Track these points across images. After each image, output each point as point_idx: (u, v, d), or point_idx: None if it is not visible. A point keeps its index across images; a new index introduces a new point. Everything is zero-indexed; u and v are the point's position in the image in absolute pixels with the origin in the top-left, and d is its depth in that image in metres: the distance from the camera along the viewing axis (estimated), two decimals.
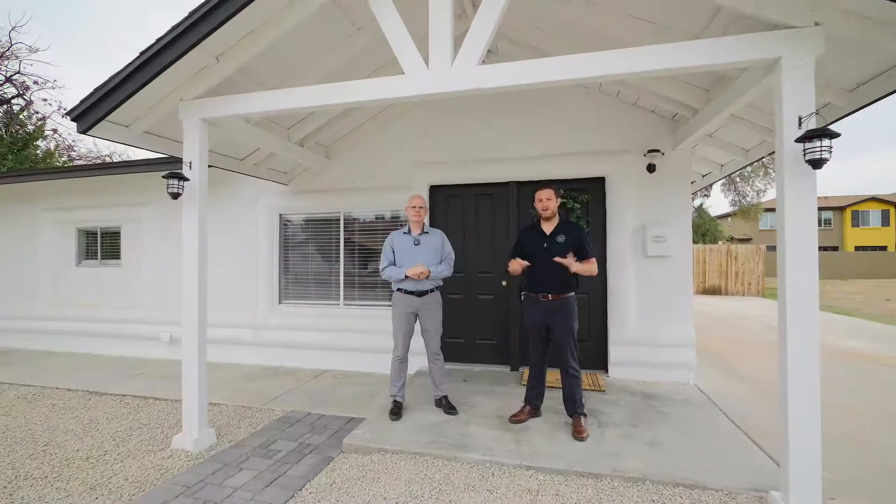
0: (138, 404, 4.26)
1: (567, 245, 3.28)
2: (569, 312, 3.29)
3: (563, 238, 3.29)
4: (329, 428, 3.60)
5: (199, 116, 3.26)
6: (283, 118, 4.38)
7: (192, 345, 3.27)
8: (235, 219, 5.71)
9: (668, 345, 4.42)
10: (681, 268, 4.44)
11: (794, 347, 2.30)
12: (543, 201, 3.31)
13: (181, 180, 3.15)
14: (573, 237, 3.30)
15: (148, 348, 6.07)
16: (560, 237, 3.30)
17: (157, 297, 6.09)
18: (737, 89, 2.98)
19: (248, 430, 3.59)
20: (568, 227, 3.38)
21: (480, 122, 5.00)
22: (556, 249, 3.25)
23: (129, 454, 3.18)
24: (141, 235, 6.25)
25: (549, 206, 3.31)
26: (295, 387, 4.72)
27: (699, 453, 2.94)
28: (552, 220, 3.38)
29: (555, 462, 2.83)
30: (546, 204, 3.31)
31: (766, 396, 4.18)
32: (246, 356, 5.63)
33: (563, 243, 3.28)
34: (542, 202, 3.32)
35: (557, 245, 3.27)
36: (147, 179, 6.11)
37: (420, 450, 3.04)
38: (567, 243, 3.28)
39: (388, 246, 3.72)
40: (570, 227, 3.39)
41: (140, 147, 3.59)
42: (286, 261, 5.71)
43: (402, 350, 3.68)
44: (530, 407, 3.53)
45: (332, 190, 5.43)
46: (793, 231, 2.29)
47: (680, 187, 4.46)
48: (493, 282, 5.02)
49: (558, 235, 3.32)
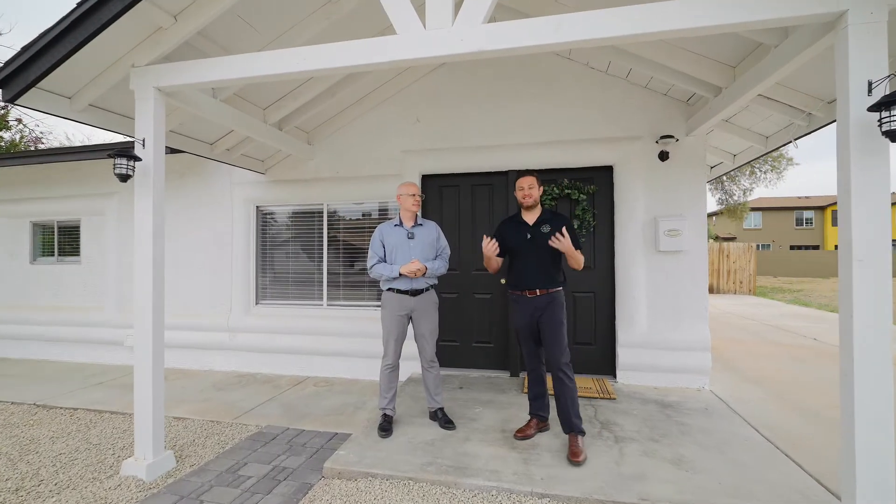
0: (91, 419, 3.74)
1: (552, 235, 2.87)
2: (558, 305, 2.96)
3: (549, 228, 2.96)
4: (309, 447, 3.15)
5: (154, 85, 2.77)
6: (258, 96, 3.89)
7: (145, 350, 2.78)
8: (207, 211, 5.19)
9: (681, 348, 4.07)
10: (695, 264, 4.09)
11: (862, 358, 1.93)
12: (525, 189, 3.01)
13: (131, 160, 2.66)
14: (558, 226, 2.90)
15: (109, 354, 5.50)
16: (545, 227, 2.98)
17: (120, 297, 5.53)
18: (775, 60, 2.62)
19: (214, 451, 3.11)
20: (552, 216, 3.06)
21: (477, 106, 4.58)
22: (542, 240, 2.93)
23: (68, 484, 2.68)
24: (103, 230, 5.68)
25: (532, 194, 3.00)
26: (272, 396, 4.24)
27: (733, 474, 2.57)
28: (534, 210, 3.07)
29: (571, 488, 2.44)
30: (528, 192, 3.00)
31: (785, 402, 3.86)
32: (219, 362, 5.12)
33: (548, 233, 2.92)
34: (522, 190, 3.02)
35: (543, 235, 2.94)
36: (108, 167, 5.55)
37: (414, 474, 2.61)
38: (552, 233, 2.88)
39: (378, 240, 3.28)
40: (555, 216, 3.07)
41: (85, 123, 3.08)
42: (264, 257, 5.21)
43: (394, 357, 3.24)
44: (537, 420, 3.14)
45: (315, 179, 4.96)
46: (862, 219, 1.92)
47: (694, 177, 4.11)
48: (490, 279, 4.61)
49: (542, 225, 2.99)
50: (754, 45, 2.89)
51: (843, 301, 2.00)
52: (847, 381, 1.98)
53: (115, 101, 3.12)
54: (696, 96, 3.95)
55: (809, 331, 7.73)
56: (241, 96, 3.76)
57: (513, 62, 4.49)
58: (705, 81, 3.45)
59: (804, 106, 3.26)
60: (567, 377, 2.87)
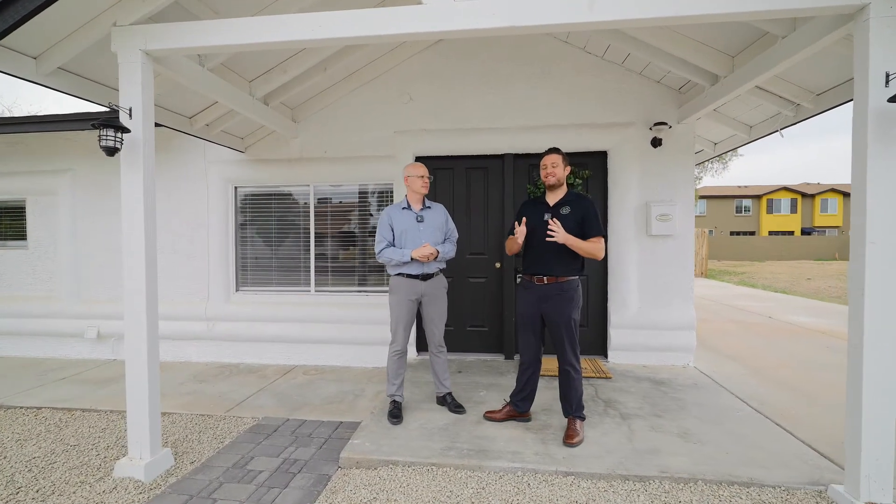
0: (60, 419, 3.41)
1: (572, 218, 2.76)
2: (567, 300, 2.77)
3: (569, 210, 2.80)
4: (316, 437, 3.04)
5: (142, 48, 2.47)
6: (244, 67, 3.60)
7: (138, 342, 2.54)
8: (180, 191, 4.80)
9: (669, 327, 4.26)
10: (684, 248, 4.27)
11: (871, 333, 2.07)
12: (548, 167, 2.84)
13: (119, 131, 2.37)
14: (580, 210, 2.78)
15: (68, 347, 5.03)
16: (565, 209, 2.81)
17: (77, 285, 5.04)
18: (781, 51, 2.72)
19: (213, 447, 2.93)
20: (576, 198, 2.86)
21: (472, 87, 4.49)
22: (560, 222, 2.72)
23: (52, 490, 2.43)
24: (55, 211, 5.11)
25: (556, 172, 2.82)
26: (262, 387, 4.05)
27: (736, 444, 2.74)
28: (558, 191, 2.89)
29: (594, 465, 2.50)
30: (551, 171, 2.83)
31: (763, 377, 4.15)
32: (196, 352, 4.81)
33: (567, 216, 2.77)
34: (545, 169, 2.85)
35: (561, 218, 2.76)
36: (61, 141, 4.99)
37: (437, 460, 2.58)
38: (571, 216, 2.77)
39: (386, 224, 3.15)
40: (579, 199, 2.86)
41: (53, 88, 2.71)
42: (244, 241, 4.91)
43: (403, 342, 3.17)
44: (510, 408, 3.06)
45: (301, 159, 4.69)
46: (876, 203, 2.05)
47: (684, 163, 4.26)
48: (485, 264, 4.60)
49: (563, 207, 2.82)
50: (758, 34, 2.99)
51: (854, 280, 2.13)
52: (856, 354, 2.13)
53: (90, 66, 2.77)
54: (688, 85, 4.07)
55: (762, 309, 8.36)
56: (227, 66, 3.45)
57: (509, 43, 4.42)
58: (703, 69, 3.55)
59: (794, 97, 3.44)
60: (574, 370, 2.80)
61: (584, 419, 2.87)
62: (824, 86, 3.27)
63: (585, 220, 2.77)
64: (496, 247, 4.59)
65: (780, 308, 8.54)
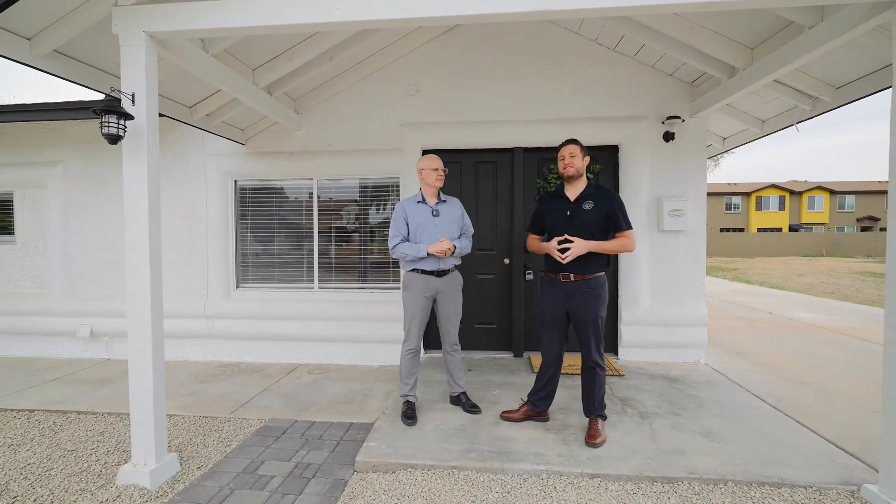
0: (55, 422, 3.25)
1: (595, 213, 2.66)
2: (594, 297, 2.67)
3: (591, 204, 2.67)
4: (327, 439, 2.92)
5: (146, 30, 2.32)
6: (249, 54, 3.44)
7: (143, 341, 2.40)
8: (177, 185, 4.62)
9: (681, 324, 4.22)
10: (696, 243, 4.22)
11: None
12: (566, 158, 2.70)
13: (122, 118, 2.22)
14: (604, 204, 2.66)
15: (60, 346, 4.84)
16: (587, 203, 2.69)
17: (69, 282, 4.84)
18: (808, 42, 2.65)
19: (220, 450, 2.80)
20: (598, 191, 2.74)
21: (481, 79, 4.38)
22: (583, 218, 2.66)
23: (52, 498, 2.29)
24: (45, 205, 4.91)
25: (574, 164, 2.69)
26: (266, 387, 3.92)
27: (761, 443, 2.69)
28: (577, 183, 2.76)
29: (620, 466, 2.43)
30: (570, 161, 2.69)
31: (775, 373, 4.12)
32: (195, 351, 4.66)
33: (590, 211, 2.66)
34: (563, 160, 2.72)
35: (583, 213, 2.67)
36: (50, 132, 4.79)
37: (457, 462, 2.49)
38: (595, 211, 2.66)
39: (401, 218, 3.04)
40: (601, 192, 2.74)
41: (47, 71, 2.55)
42: (244, 237, 4.76)
43: (417, 341, 3.06)
44: (528, 407, 2.98)
45: (304, 152, 4.55)
46: None
47: (696, 158, 4.20)
48: (493, 260, 4.51)
49: (585, 201, 2.70)
50: (781, 25, 2.91)
51: (891, 279, 2.07)
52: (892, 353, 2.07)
53: (88, 49, 2.61)
54: (702, 78, 4.00)
55: (761, 305, 8.40)
56: (231, 53, 3.30)
57: (519, 34, 4.32)
58: (721, 61, 3.47)
59: (813, 90, 3.38)
60: (600, 368, 2.72)
61: (605, 419, 2.80)
62: (845, 78, 3.22)
63: (610, 215, 2.67)
64: (505, 242, 4.50)
65: (779, 304, 8.59)
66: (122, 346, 4.71)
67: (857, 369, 4.22)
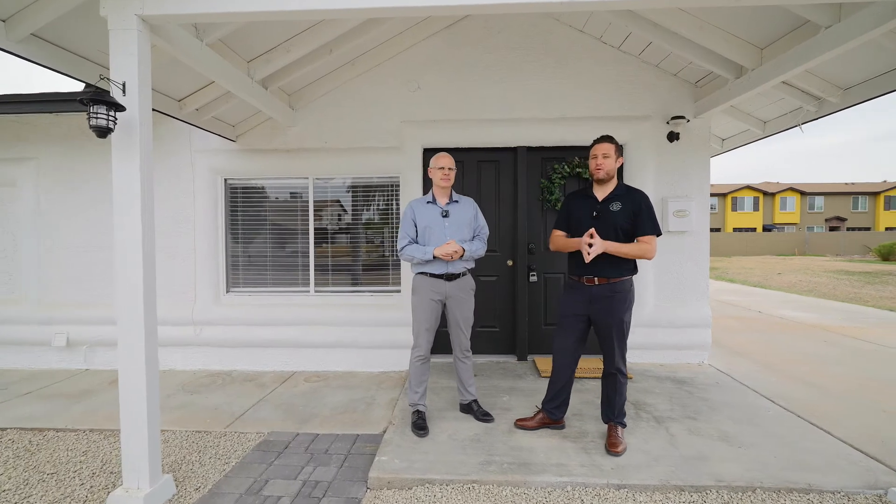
0: (31, 441, 2.99)
1: (622, 215, 2.57)
2: (620, 301, 2.58)
3: (619, 206, 2.58)
4: (334, 454, 2.76)
5: (137, 13, 2.12)
6: (244, 45, 3.24)
7: (135, 352, 2.19)
8: (163, 183, 4.35)
9: (685, 325, 4.19)
10: (699, 244, 4.20)
11: None
12: (598, 158, 2.60)
13: (113, 108, 2.02)
14: (632, 205, 2.57)
15: (33, 356, 4.50)
16: (615, 204, 2.60)
17: (42, 287, 4.52)
18: (824, 42, 2.63)
19: (218, 469, 2.60)
20: (628, 193, 2.65)
21: (484, 76, 4.27)
22: (609, 219, 2.57)
23: None
24: (14, 205, 4.56)
25: (605, 165, 2.58)
26: (262, 397, 3.71)
27: (780, 447, 2.65)
28: (608, 184, 2.66)
29: (646, 476, 2.34)
30: (601, 162, 2.59)
31: (779, 373, 4.13)
32: (182, 360, 4.40)
33: (617, 212, 2.57)
34: (595, 160, 2.62)
35: (610, 214, 2.58)
36: (20, 126, 4.46)
37: (477, 476, 2.36)
38: (623, 213, 2.57)
39: (409, 219, 2.90)
40: (631, 193, 2.65)
41: (25, 57, 2.32)
42: (235, 238, 4.52)
43: (426, 347, 2.93)
44: (544, 415, 2.87)
45: (299, 150, 4.35)
46: None
47: (700, 158, 4.18)
48: (497, 261, 4.40)
49: (613, 202, 2.60)
50: (795, 24, 2.89)
51: None
52: None
53: (69, 33, 2.40)
54: (706, 78, 3.98)
55: (749, 303, 8.55)
56: (226, 43, 3.10)
57: (522, 31, 4.22)
58: (730, 60, 3.45)
59: (821, 91, 3.39)
60: (622, 374, 2.64)
61: (625, 426, 2.72)
62: (854, 80, 3.23)
63: (637, 217, 2.57)
64: (508, 244, 4.40)
65: (766, 302, 8.76)
66: (102, 355, 4.42)
67: (855, 368, 4.26)
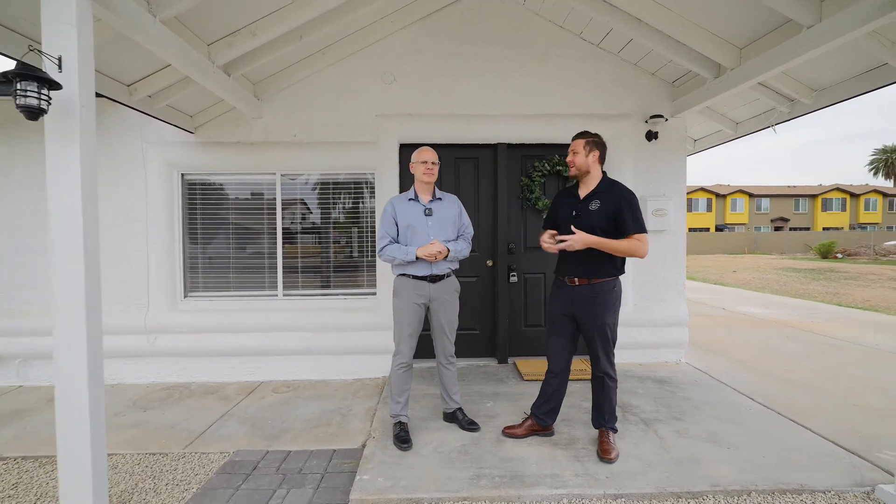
0: None
1: (600, 214, 2.45)
2: (601, 303, 2.48)
3: (598, 204, 2.47)
4: (309, 474, 2.52)
5: None
6: (204, 26, 2.93)
7: (76, 364, 1.88)
8: (109, 177, 3.93)
9: (664, 324, 4.21)
10: (676, 243, 4.23)
11: None
12: (569, 155, 2.59)
13: (46, 85, 1.72)
14: (611, 204, 2.44)
15: None
16: (594, 203, 2.48)
17: None
18: (806, 41, 2.64)
19: (176, 497, 2.32)
20: (609, 189, 2.52)
21: (462, 70, 4.12)
22: (587, 219, 2.46)
23: None
24: None
25: (574, 161, 2.55)
26: (225, 411, 3.40)
27: (767, 446, 2.64)
28: (589, 181, 2.56)
29: (642, 483, 2.26)
30: (570, 159, 2.57)
31: (753, 370, 4.19)
32: (134, 372, 3.99)
33: (595, 211, 2.47)
34: (568, 157, 2.61)
35: (588, 213, 2.48)
36: None
37: (468, 493, 2.20)
38: (600, 212, 2.45)
39: (390, 217, 2.71)
40: (612, 190, 2.52)
41: None
42: (194, 239, 4.16)
43: (409, 354, 2.74)
44: (533, 422, 2.76)
45: (265, 143, 4.05)
46: None
47: (677, 158, 4.21)
48: (476, 262, 4.27)
49: (592, 201, 2.50)
50: (777, 23, 2.90)
51: None
52: None
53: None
54: (683, 77, 4.01)
55: (711, 301, 8.86)
56: (183, 22, 2.79)
57: (504, 24, 4.11)
58: (710, 59, 3.46)
59: (794, 92, 3.46)
60: (610, 378, 2.55)
61: (616, 431, 2.63)
62: (827, 82, 3.31)
63: (618, 215, 2.44)
64: (488, 243, 4.28)
65: (726, 299, 9.10)
66: (38, 370, 3.94)
67: (823, 363, 4.40)
